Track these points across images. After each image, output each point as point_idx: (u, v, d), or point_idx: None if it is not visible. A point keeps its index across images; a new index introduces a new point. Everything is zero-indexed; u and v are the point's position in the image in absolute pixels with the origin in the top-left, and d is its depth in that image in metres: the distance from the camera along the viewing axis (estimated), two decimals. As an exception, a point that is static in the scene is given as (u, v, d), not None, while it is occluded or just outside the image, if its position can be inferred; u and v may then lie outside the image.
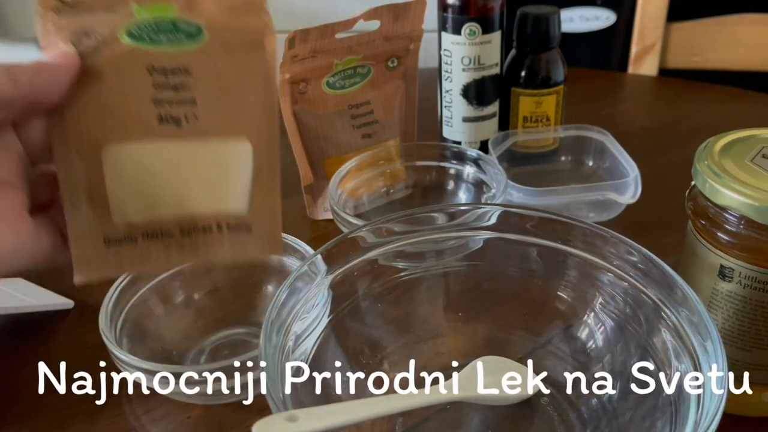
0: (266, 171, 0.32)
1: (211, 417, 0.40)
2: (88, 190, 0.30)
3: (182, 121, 0.31)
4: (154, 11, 0.31)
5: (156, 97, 0.30)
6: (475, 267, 0.42)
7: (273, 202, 0.33)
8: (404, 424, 0.38)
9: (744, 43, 0.90)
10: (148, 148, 0.30)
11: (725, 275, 0.35)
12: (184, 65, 0.31)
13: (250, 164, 0.32)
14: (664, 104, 0.81)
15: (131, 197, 0.31)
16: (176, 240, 0.31)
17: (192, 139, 0.31)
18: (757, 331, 0.35)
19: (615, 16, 1.10)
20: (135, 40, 0.30)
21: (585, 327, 0.40)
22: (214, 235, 0.32)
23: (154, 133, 0.30)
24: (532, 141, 0.63)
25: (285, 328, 0.34)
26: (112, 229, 0.30)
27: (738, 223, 0.34)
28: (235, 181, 0.32)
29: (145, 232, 0.31)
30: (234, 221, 0.32)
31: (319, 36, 0.52)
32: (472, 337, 0.42)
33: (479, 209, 0.41)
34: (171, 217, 0.31)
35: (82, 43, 0.29)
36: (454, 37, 0.59)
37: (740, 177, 0.34)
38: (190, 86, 0.31)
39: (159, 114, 0.30)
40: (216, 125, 0.31)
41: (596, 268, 0.39)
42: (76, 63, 0.28)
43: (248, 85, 0.32)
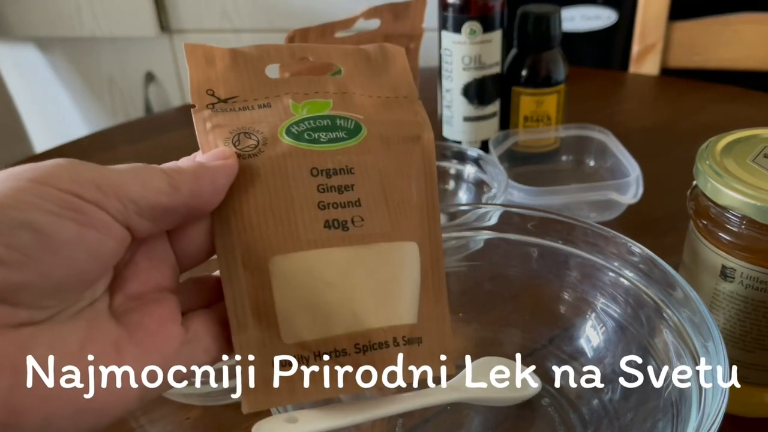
0: (432, 273, 0.29)
1: (210, 418, 0.40)
2: (255, 306, 0.26)
3: (349, 224, 0.27)
4: (311, 107, 0.29)
5: (321, 201, 0.27)
6: (475, 267, 0.42)
7: (441, 308, 0.29)
8: (404, 426, 0.38)
9: (746, 43, 0.89)
10: (316, 257, 0.27)
11: (727, 275, 0.35)
12: (346, 164, 0.28)
13: (418, 267, 0.29)
14: (665, 104, 0.81)
15: (302, 312, 0.27)
16: (352, 359, 0.27)
17: (359, 244, 0.27)
18: (758, 331, 0.35)
19: (616, 15, 1.09)
20: (295, 140, 0.27)
21: (586, 327, 0.40)
22: (390, 350, 0.27)
23: (321, 240, 0.27)
24: (533, 140, 0.63)
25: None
26: (282, 350, 0.27)
27: (740, 224, 0.34)
28: (406, 288, 0.28)
29: (318, 351, 0.27)
30: (407, 334, 0.28)
31: (319, 35, 0.52)
32: (473, 338, 0.42)
33: (480, 209, 0.41)
34: (344, 333, 0.27)
35: (243, 143, 0.27)
36: (454, 36, 0.59)
37: (742, 177, 0.34)
38: (354, 187, 0.28)
39: (325, 219, 0.27)
40: (382, 227, 0.28)
41: (597, 268, 0.38)
42: (235, 164, 0.26)
43: (409, 181, 0.29)
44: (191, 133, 0.28)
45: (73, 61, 1.41)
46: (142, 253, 0.25)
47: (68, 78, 1.43)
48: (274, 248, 0.26)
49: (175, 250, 0.26)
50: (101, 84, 1.42)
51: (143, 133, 0.76)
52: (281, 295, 0.26)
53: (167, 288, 0.26)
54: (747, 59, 0.90)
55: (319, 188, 0.27)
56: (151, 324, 0.24)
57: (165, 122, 0.83)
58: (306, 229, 0.27)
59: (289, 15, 1.23)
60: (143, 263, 0.25)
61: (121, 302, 0.24)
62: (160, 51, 1.34)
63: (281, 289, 0.26)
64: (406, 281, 0.28)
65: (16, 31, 1.34)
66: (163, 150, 0.70)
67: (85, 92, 1.44)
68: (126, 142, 0.73)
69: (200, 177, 0.25)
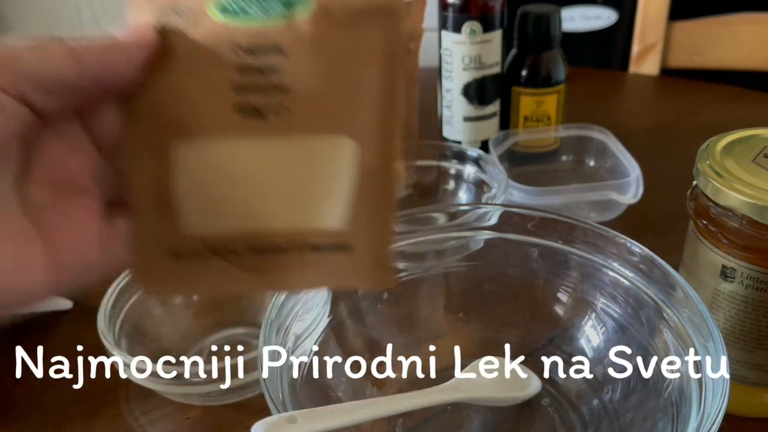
0: (379, 176, 0.25)
1: (210, 418, 0.40)
2: (156, 192, 0.25)
3: (268, 113, 0.24)
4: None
5: (239, 83, 0.24)
6: (475, 267, 0.42)
7: (385, 217, 0.26)
8: (404, 426, 0.38)
9: (746, 43, 0.89)
10: (220, 147, 0.25)
11: (727, 275, 0.35)
12: (276, 42, 0.24)
13: (351, 165, 0.25)
14: (665, 104, 0.81)
15: (198, 205, 0.25)
16: (244, 261, 0.25)
17: (279, 136, 0.25)
18: (759, 331, 0.35)
19: (616, 15, 1.09)
20: (227, 15, 0.24)
21: (586, 327, 0.40)
22: (296, 256, 0.26)
23: (231, 128, 0.25)
24: (532, 140, 0.63)
25: (285, 329, 0.34)
26: (179, 240, 0.25)
27: (740, 223, 0.34)
28: (331, 189, 0.25)
29: (212, 247, 0.25)
30: (327, 240, 0.25)
31: None
32: (473, 338, 0.42)
33: (480, 209, 0.41)
34: (239, 232, 0.25)
35: (170, 21, 0.25)
36: (454, 36, 0.59)
37: (742, 177, 0.34)
38: (282, 69, 0.24)
39: (240, 104, 0.24)
40: (312, 120, 0.25)
41: (597, 268, 0.38)
42: (152, 40, 0.24)
43: (363, 67, 0.25)
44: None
45: (73, 61, 1.41)
46: (57, 138, 0.24)
47: (68, 78, 1.43)
48: (180, 132, 0.25)
49: (94, 136, 0.25)
50: (101, 84, 1.42)
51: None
52: (181, 184, 0.25)
53: (88, 175, 0.25)
54: (747, 59, 0.90)
55: (239, 69, 0.24)
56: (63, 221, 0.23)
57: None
58: (214, 114, 0.25)
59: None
60: (58, 148, 0.24)
61: (38, 193, 0.23)
62: (160, 51, 1.34)
63: (182, 177, 0.25)
64: (332, 181, 0.25)
65: (16, 32, 1.35)
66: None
67: (86, 92, 1.45)
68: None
69: (107, 49, 0.23)
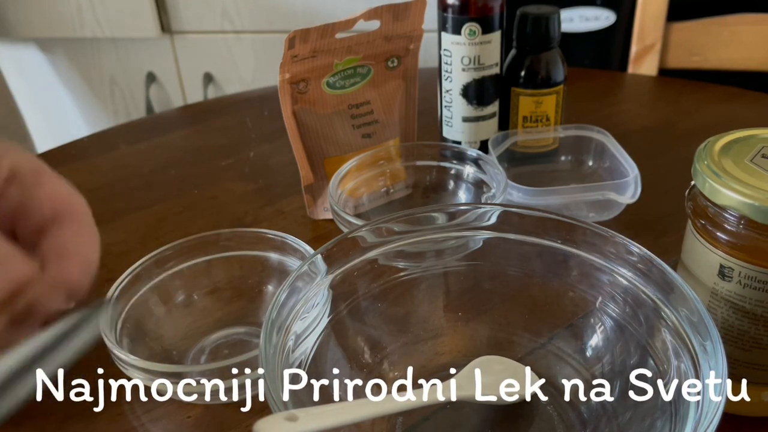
0: None
1: (211, 417, 0.40)
2: None
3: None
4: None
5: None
6: (475, 267, 0.42)
7: None
8: (404, 424, 0.38)
9: (744, 43, 0.90)
10: None
11: (725, 275, 0.35)
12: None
13: None
14: (664, 104, 0.81)
15: None
16: None
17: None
18: (756, 330, 0.35)
19: (615, 15, 1.09)
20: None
21: (585, 327, 0.40)
22: None
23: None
24: (532, 141, 0.63)
25: (285, 328, 0.34)
26: None
27: (738, 223, 0.34)
28: None
29: None
30: None
31: (319, 36, 0.52)
32: (472, 337, 0.42)
33: (479, 209, 0.41)
34: None
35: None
36: (454, 37, 0.59)
37: (740, 177, 0.34)
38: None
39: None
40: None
41: (596, 267, 0.39)
42: None
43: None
44: (192, 133, 0.28)
45: (74, 61, 1.41)
46: None
47: (69, 78, 1.43)
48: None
49: None
50: (102, 85, 1.42)
51: (144, 133, 0.76)
52: None
53: None
54: (745, 60, 0.90)
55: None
56: None
57: (166, 122, 0.83)
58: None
59: (290, 16, 1.23)
60: None
61: None
62: (160, 52, 1.34)
63: None
64: None
65: (17, 32, 1.35)
66: (163, 150, 0.71)
67: (87, 93, 1.45)
68: (127, 142, 0.73)
69: None
